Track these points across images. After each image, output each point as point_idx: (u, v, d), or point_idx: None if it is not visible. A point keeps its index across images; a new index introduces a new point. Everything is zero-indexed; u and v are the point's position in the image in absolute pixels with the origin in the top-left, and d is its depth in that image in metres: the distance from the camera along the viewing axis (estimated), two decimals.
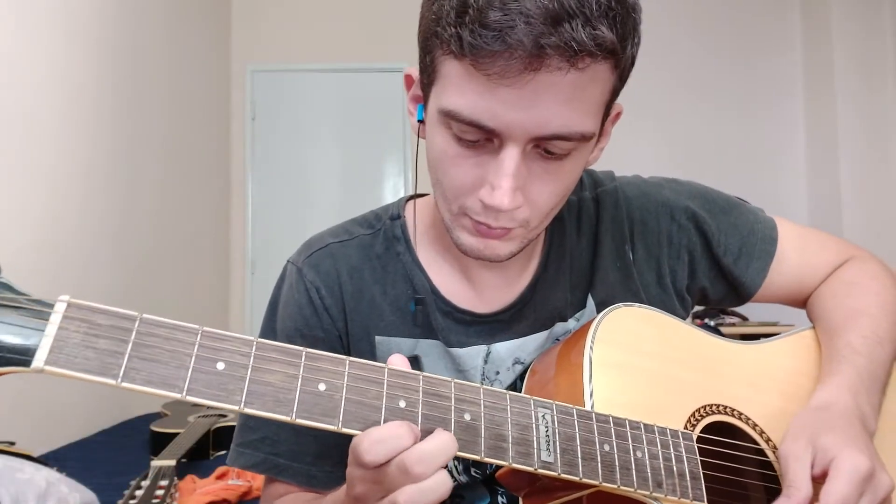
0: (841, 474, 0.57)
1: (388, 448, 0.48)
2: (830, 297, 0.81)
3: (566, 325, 0.77)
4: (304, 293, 0.77)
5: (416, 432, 0.49)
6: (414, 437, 0.48)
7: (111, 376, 0.41)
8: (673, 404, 0.66)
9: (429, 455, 0.48)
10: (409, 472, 0.47)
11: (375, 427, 0.49)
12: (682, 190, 0.83)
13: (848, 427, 0.62)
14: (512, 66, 0.53)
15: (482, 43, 0.53)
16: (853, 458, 0.58)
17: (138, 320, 0.43)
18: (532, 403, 0.56)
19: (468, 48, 0.54)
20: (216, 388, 0.44)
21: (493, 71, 0.54)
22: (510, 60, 0.53)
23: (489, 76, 0.54)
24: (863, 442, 0.61)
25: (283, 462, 0.75)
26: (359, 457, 0.48)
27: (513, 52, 0.53)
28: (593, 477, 0.55)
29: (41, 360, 0.39)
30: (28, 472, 1.24)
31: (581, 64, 0.54)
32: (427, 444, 0.48)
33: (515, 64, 0.53)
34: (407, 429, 0.48)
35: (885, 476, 0.59)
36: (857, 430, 0.62)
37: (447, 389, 0.53)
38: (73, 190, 2.46)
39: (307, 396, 0.47)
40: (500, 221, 0.62)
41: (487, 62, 0.54)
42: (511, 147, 0.58)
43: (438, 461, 0.48)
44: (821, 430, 0.61)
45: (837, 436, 0.60)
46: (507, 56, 0.53)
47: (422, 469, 0.47)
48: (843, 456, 0.58)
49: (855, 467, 0.57)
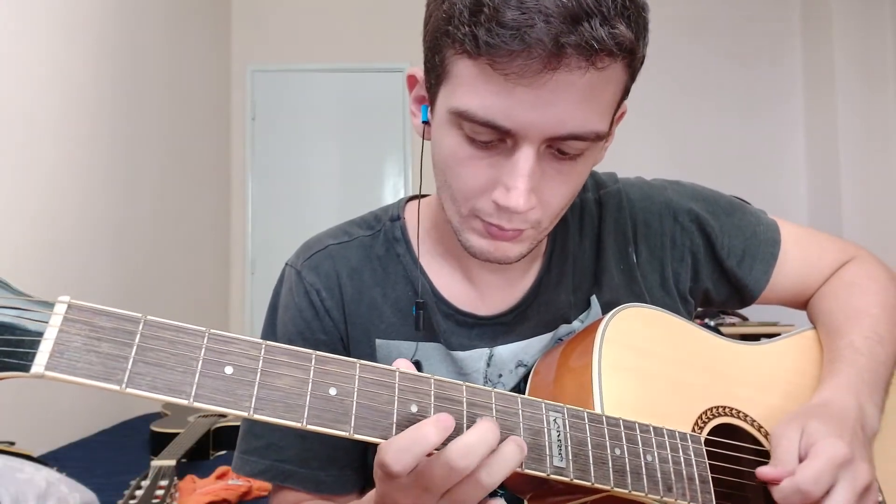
0: (818, 456, 0.59)
1: (414, 453, 0.46)
2: (831, 298, 0.81)
3: (570, 326, 0.76)
4: (304, 296, 0.75)
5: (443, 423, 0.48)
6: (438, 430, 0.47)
7: (115, 382, 0.39)
8: (681, 406, 0.66)
9: (469, 448, 0.47)
10: (455, 468, 0.46)
11: (395, 437, 0.47)
12: (685, 192, 0.83)
13: (840, 421, 0.63)
14: (531, 66, 0.52)
15: (500, 42, 0.52)
16: (832, 443, 0.59)
17: (142, 322, 0.42)
18: (544, 407, 0.55)
19: (484, 47, 0.53)
20: (225, 394, 0.43)
21: (511, 70, 0.53)
22: (529, 59, 0.52)
23: (507, 76, 0.54)
24: (850, 434, 0.62)
25: (290, 468, 0.74)
26: (387, 469, 0.47)
27: (532, 51, 0.52)
28: (605, 482, 0.54)
29: (41, 364, 0.37)
30: (28, 472, 1.23)
31: (600, 63, 0.54)
32: (468, 437, 0.47)
33: (534, 63, 0.52)
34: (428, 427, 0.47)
35: (865, 466, 0.60)
36: (848, 425, 0.63)
37: (459, 393, 0.52)
38: (72, 190, 2.46)
39: (318, 401, 0.46)
40: (513, 223, 0.62)
41: (505, 61, 0.53)
42: (526, 147, 0.57)
43: (481, 451, 0.47)
44: (813, 417, 0.63)
45: (825, 425, 0.62)
46: (525, 55, 0.52)
47: (466, 463, 0.46)
48: (822, 441, 0.60)
49: (832, 451, 0.59)
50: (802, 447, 0.61)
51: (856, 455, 0.60)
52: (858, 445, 0.62)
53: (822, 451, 0.59)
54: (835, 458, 0.58)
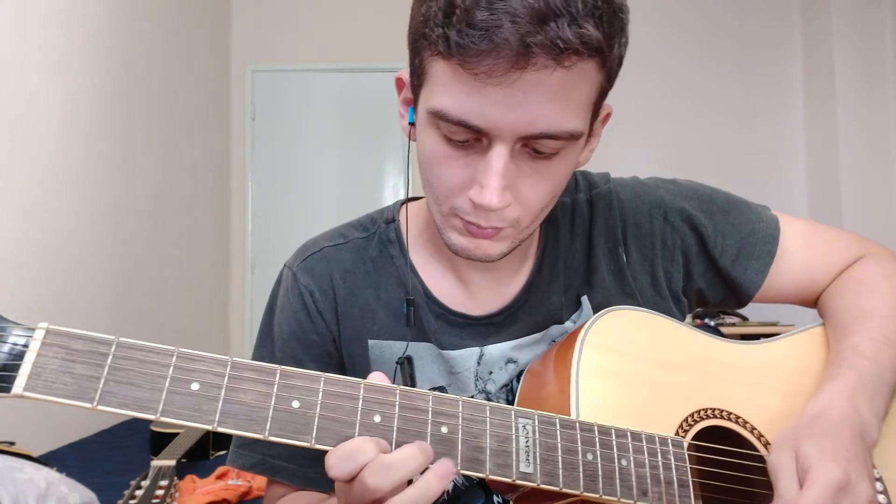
0: (813, 485, 0.57)
1: (354, 463, 0.48)
2: (838, 297, 0.79)
3: (563, 327, 0.77)
4: (299, 297, 0.77)
5: (382, 446, 0.50)
6: (380, 450, 0.49)
7: (87, 400, 0.42)
8: (664, 409, 0.65)
9: (384, 468, 0.48)
10: (365, 484, 0.48)
11: (344, 443, 0.49)
12: (679, 191, 0.82)
13: (834, 436, 0.61)
14: (499, 65, 0.54)
15: (469, 42, 0.54)
16: (826, 469, 0.58)
17: (114, 344, 0.45)
18: (513, 414, 0.56)
19: (455, 48, 0.55)
20: (191, 409, 0.46)
21: (481, 70, 0.55)
22: (497, 59, 0.54)
23: (476, 75, 0.55)
24: (844, 451, 0.60)
25: (280, 463, 0.76)
26: (328, 472, 0.49)
27: (499, 51, 0.53)
28: (574, 487, 0.55)
29: (20, 386, 0.41)
30: (28, 472, 1.25)
31: (567, 62, 0.55)
32: (386, 457, 0.49)
33: (502, 63, 0.54)
34: (372, 443, 0.49)
35: (864, 485, 0.59)
36: (844, 439, 0.61)
37: (425, 403, 0.53)
38: (72, 190, 2.47)
39: (281, 414, 0.48)
40: (490, 221, 0.63)
41: (474, 61, 0.54)
42: (499, 146, 0.58)
43: (396, 475, 0.49)
44: (805, 438, 0.61)
45: (818, 445, 0.60)
46: (493, 55, 0.54)
47: (375, 480, 0.48)
48: (816, 467, 0.58)
49: (827, 478, 0.57)
50: (799, 473, 0.59)
51: (851, 477, 0.58)
52: (854, 462, 0.60)
53: (818, 480, 0.57)
54: (830, 484, 0.57)
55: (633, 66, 1.48)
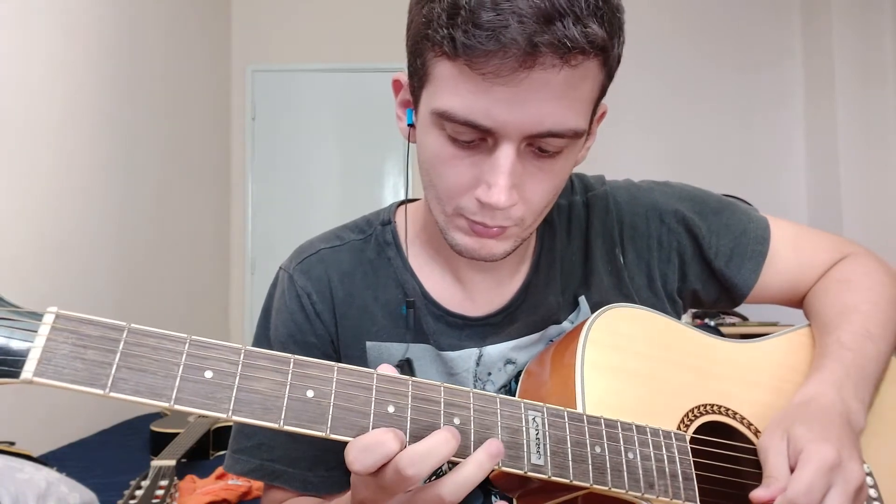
0: (807, 465, 0.58)
1: (376, 456, 0.48)
2: (822, 295, 0.81)
3: (560, 327, 0.77)
4: (296, 299, 0.77)
5: (400, 437, 0.49)
6: (399, 441, 0.49)
7: (99, 386, 0.41)
8: (666, 405, 0.66)
9: (419, 457, 0.48)
10: (404, 475, 0.48)
11: (362, 435, 0.49)
12: (673, 193, 0.83)
13: (824, 420, 0.63)
14: (506, 65, 0.54)
15: (476, 43, 0.54)
16: (819, 448, 0.59)
17: (126, 330, 0.44)
18: (522, 406, 0.56)
19: (462, 48, 0.55)
20: (204, 397, 0.45)
21: (488, 70, 0.55)
22: (504, 59, 0.54)
23: (484, 75, 0.55)
24: (835, 434, 0.61)
25: (279, 468, 0.75)
26: (350, 466, 0.49)
27: (507, 50, 0.54)
28: (584, 479, 0.55)
29: (30, 371, 0.40)
30: (28, 472, 1.25)
31: (574, 61, 0.55)
32: (418, 446, 0.49)
33: (509, 62, 0.54)
34: (392, 434, 0.49)
35: (856, 465, 0.60)
36: (833, 424, 0.63)
37: (437, 394, 0.53)
38: (72, 190, 2.47)
39: (295, 403, 0.48)
40: (496, 220, 0.63)
41: (482, 61, 0.55)
42: (506, 145, 0.59)
43: (430, 462, 0.49)
44: (795, 421, 0.63)
45: (809, 428, 0.61)
46: (501, 55, 0.54)
47: (414, 471, 0.48)
48: (809, 447, 0.59)
49: (821, 457, 0.58)
50: (790, 455, 0.60)
51: (844, 456, 0.59)
52: (846, 444, 0.61)
53: (810, 459, 0.58)
54: (824, 463, 0.58)
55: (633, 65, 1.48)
